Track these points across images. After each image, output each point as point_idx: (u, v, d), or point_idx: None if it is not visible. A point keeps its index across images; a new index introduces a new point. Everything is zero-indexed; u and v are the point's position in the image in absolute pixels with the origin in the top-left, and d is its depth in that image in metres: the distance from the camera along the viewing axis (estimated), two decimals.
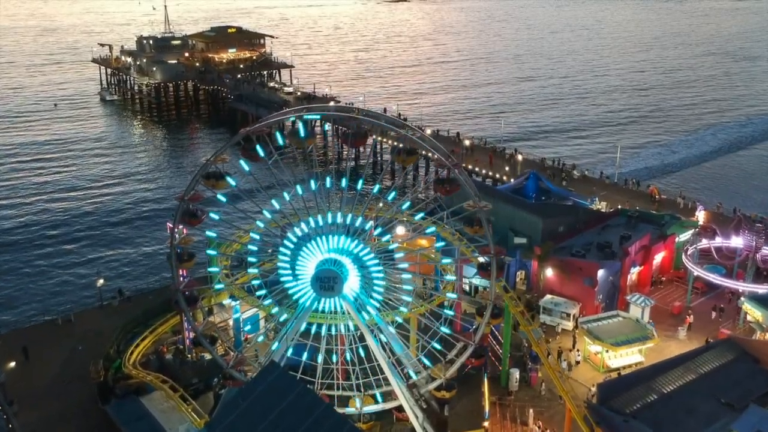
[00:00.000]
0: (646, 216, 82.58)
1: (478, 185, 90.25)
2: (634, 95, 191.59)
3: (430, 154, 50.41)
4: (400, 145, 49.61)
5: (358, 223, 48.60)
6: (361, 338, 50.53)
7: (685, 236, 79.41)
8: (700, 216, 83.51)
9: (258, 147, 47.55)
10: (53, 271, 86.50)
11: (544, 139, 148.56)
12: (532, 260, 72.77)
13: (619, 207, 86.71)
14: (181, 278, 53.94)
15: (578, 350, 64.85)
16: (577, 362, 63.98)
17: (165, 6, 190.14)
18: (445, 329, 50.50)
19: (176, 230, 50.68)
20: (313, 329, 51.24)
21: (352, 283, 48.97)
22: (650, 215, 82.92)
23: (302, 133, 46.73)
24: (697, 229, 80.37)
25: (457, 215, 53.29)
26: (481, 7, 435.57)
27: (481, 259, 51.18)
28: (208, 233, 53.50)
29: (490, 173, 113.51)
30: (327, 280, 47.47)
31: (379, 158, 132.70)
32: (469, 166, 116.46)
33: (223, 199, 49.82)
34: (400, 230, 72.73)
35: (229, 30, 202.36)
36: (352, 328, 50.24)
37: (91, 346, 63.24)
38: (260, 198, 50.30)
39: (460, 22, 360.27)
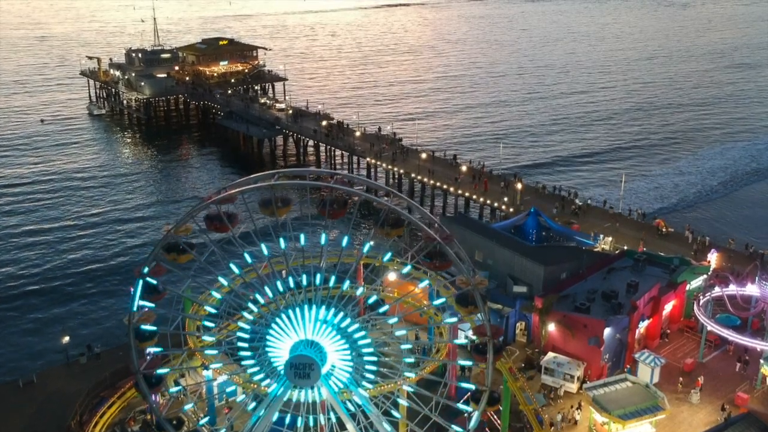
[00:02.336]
0: (654, 258, 77.33)
1: (476, 224, 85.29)
2: (640, 115, 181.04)
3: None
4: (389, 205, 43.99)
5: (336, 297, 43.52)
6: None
7: (696, 282, 74.31)
8: (712, 259, 78.21)
9: (225, 218, 42.32)
10: (14, 325, 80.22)
11: (545, 163, 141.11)
12: (533, 314, 67.65)
13: (625, 248, 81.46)
14: (146, 354, 48.50)
15: (578, 409, 59.97)
16: (576, 421, 59.07)
17: (154, 18, 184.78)
18: (435, 415, 45.34)
19: (135, 306, 45.28)
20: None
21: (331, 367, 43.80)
22: (658, 258, 77.64)
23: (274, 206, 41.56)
24: (708, 274, 75.24)
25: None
26: (482, 13, 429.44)
27: (475, 312, 45.61)
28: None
29: (488, 201, 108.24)
30: (302, 367, 42.20)
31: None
32: (466, 194, 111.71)
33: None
34: (391, 276, 67.94)
35: (221, 42, 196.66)
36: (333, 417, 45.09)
37: (53, 413, 58.07)
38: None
39: (460, 29, 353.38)
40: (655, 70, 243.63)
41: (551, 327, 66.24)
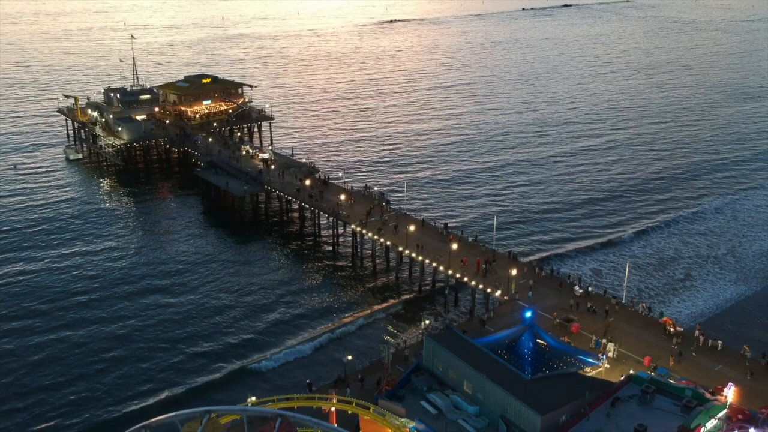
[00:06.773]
0: (664, 387, 69.08)
1: (465, 346, 74.82)
2: (656, 189, 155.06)
3: None
4: None
5: None
6: None
7: (711, 424, 65.84)
8: (729, 394, 69.71)
9: None
10: None
11: (544, 241, 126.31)
12: None
13: (632, 372, 73.09)
14: None
15: None
16: None
17: (133, 58, 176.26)
18: None
19: None
20: None
21: None
22: (669, 387, 69.26)
23: None
24: (726, 412, 66.81)
25: None
26: (481, 31, 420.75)
27: None
28: None
29: (480, 286, 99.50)
30: None
31: None
32: (457, 275, 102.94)
33: None
34: None
35: (204, 80, 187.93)
36: None
37: None
38: None
39: (460, 52, 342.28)
40: (663, 105, 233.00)
41: None
